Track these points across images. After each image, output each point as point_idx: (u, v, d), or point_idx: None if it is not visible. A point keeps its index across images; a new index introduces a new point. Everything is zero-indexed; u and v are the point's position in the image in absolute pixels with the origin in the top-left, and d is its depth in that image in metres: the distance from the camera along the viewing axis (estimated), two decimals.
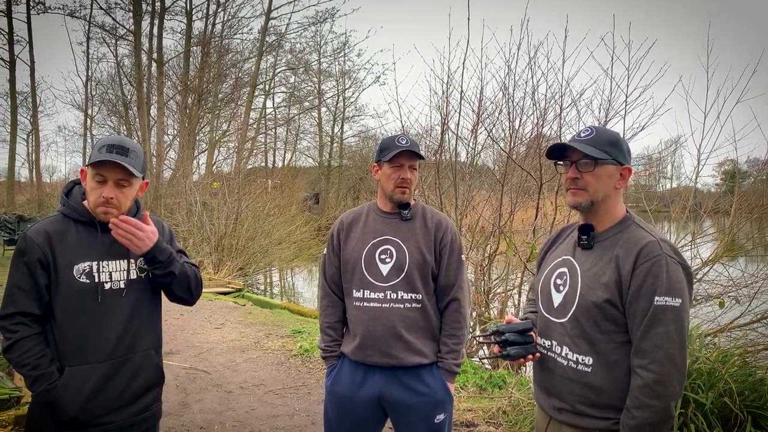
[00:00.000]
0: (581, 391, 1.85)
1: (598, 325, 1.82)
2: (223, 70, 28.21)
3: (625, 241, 1.82)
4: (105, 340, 2.05)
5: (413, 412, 2.42)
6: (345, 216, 2.64)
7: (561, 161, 1.95)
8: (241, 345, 6.96)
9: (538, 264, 2.17)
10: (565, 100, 6.17)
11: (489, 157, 8.40)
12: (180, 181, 18.95)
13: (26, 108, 29.65)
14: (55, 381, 1.97)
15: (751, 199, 6.16)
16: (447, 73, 6.76)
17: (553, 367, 1.93)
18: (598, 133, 1.88)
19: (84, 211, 2.07)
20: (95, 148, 2.03)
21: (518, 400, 4.32)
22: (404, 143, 2.41)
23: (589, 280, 1.85)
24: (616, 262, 1.80)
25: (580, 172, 1.85)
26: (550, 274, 2.01)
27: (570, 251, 1.97)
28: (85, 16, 27.70)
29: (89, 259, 2.04)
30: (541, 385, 2.01)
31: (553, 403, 1.94)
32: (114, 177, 2.00)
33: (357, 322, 2.47)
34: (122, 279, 2.09)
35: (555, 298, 1.95)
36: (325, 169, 35.30)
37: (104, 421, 2.05)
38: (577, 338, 1.85)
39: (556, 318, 1.93)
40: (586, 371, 1.83)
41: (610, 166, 1.85)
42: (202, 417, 4.58)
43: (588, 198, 1.86)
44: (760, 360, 4.17)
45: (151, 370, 2.17)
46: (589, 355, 1.83)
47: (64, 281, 2.00)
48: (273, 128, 35.34)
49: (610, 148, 1.85)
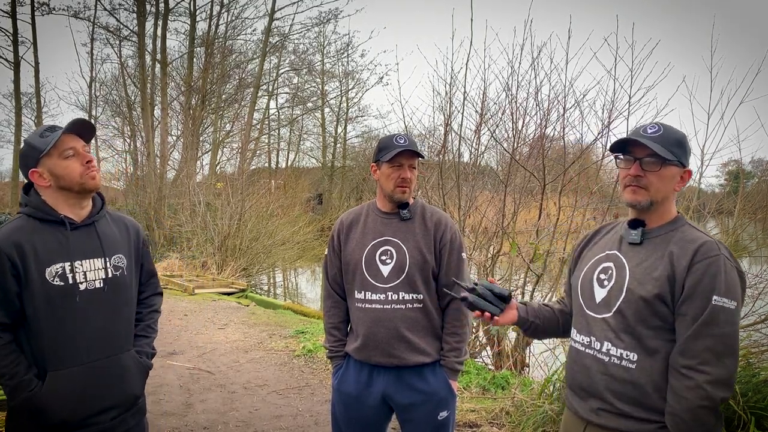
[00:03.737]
0: (623, 389, 1.76)
1: (644, 321, 1.74)
2: (226, 71, 28.28)
3: (680, 239, 1.75)
4: (86, 342, 2.00)
5: (417, 410, 2.43)
6: (345, 216, 2.64)
7: (621, 155, 1.83)
8: (244, 345, 6.97)
9: (573, 262, 2.08)
10: (568, 101, 6.16)
11: (492, 158, 8.40)
12: (184, 182, 19.02)
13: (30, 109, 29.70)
14: (34, 388, 1.92)
15: (755, 200, 6.13)
16: (450, 73, 6.77)
17: (591, 365, 1.84)
18: (665, 131, 1.78)
19: (49, 210, 1.99)
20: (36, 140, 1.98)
21: (521, 400, 4.31)
22: (403, 142, 2.40)
23: (639, 275, 1.77)
24: (670, 258, 1.72)
25: (644, 171, 1.76)
26: (591, 270, 1.92)
27: (615, 246, 1.89)
28: (89, 17, 27.81)
29: (61, 260, 1.96)
30: (577, 386, 1.91)
31: (591, 405, 1.84)
32: (80, 145, 2.00)
33: (359, 323, 2.47)
34: (98, 278, 2.03)
35: (598, 293, 1.87)
36: (328, 170, 35.31)
37: (92, 422, 2.03)
38: (622, 332, 1.77)
39: (597, 313, 1.85)
40: (630, 367, 1.75)
41: (675, 168, 1.77)
42: (206, 417, 4.59)
43: (648, 198, 1.78)
44: (763, 361, 4.15)
45: (134, 367, 2.15)
46: (634, 350, 1.75)
47: (38, 286, 1.92)
48: (276, 129, 35.50)
49: (677, 148, 1.76)
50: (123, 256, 2.14)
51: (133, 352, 2.17)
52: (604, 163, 6.63)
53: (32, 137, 2.00)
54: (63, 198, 2.02)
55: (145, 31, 25.94)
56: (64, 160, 1.97)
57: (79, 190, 2.01)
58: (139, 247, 2.24)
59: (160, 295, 2.40)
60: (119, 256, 2.12)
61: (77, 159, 1.99)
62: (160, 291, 2.39)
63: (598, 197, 6.71)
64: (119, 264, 2.11)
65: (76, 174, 1.98)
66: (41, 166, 1.98)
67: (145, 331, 2.26)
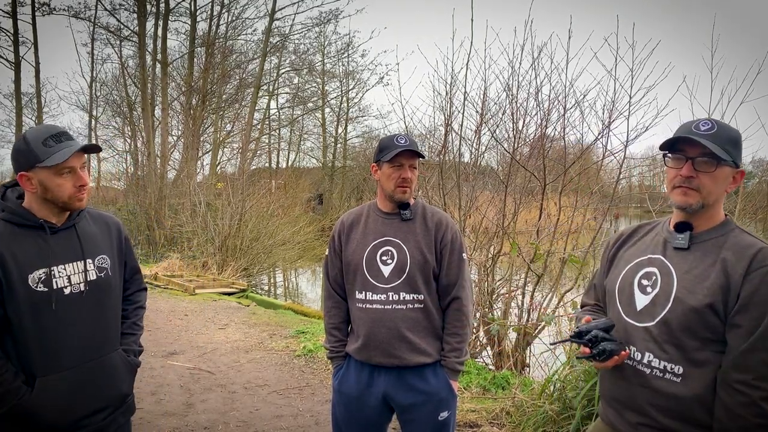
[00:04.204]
0: (667, 403, 1.66)
1: (692, 332, 1.62)
2: (227, 71, 28.25)
3: (733, 245, 1.64)
4: (73, 346, 1.98)
5: (418, 410, 2.43)
6: (345, 217, 2.64)
7: (671, 153, 1.70)
8: (245, 345, 6.97)
9: (607, 262, 1.95)
10: (568, 101, 6.16)
11: (493, 158, 8.40)
12: (184, 182, 19.01)
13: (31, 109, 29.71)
14: (23, 395, 1.90)
15: (756, 200, 6.14)
16: (450, 73, 6.76)
17: (631, 377, 1.74)
18: (720, 128, 1.65)
19: (28, 215, 1.95)
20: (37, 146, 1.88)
21: (522, 400, 4.31)
22: (403, 142, 2.40)
23: (688, 283, 1.65)
24: (723, 265, 1.61)
25: (697, 171, 1.64)
26: (631, 274, 1.80)
27: (659, 250, 1.77)
28: (89, 18, 27.77)
29: (43, 265, 1.92)
30: (614, 398, 1.81)
31: (628, 418, 1.75)
32: (80, 162, 1.95)
33: (360, 324, 2.47)
34: (81, 281, 2.00)
35: (639, 300, 1.75)
36: (328, 170, 35.30)
37: (83, 425, 2.03)
38: (666, 344, 1.66)
39: (638, 322, 1.74)
40: (675, 381, 1.65)
41: (728, 168, 1.65)
42: (206, 417, 4.59)
43: (700, 201, 1.66)
44: None
45: (123, 367, 2.15)
46: (679, 363, 1.64)
47: (21, 293, 1.88)
48: (277, 129, 35.47)
49: (732, 147, 1.64)
50: (106, 256, 2.11)
51: (120, 351, 2.16)
52: (605, 163, 6.63)
53: (34, 140, 1.90)
54: (45, 206, 1.98)
55: (146, 32, 25.92)
56: (58, 176, 1.92)
57: (63, 207, 1.99)
58: (121, 245, 2.22)
59: (145, 290, 2.39)
60: (102, 257, 2.10)
61: (71, 178, 1.94)
62: (144, 287, 2.38)
63: (598, 197, 6.71)
64: (103, 265, 2.09)
65: (65, 194, 1.95)
66: (33, 173, 1.92)
67: (131, 328, 2.25)
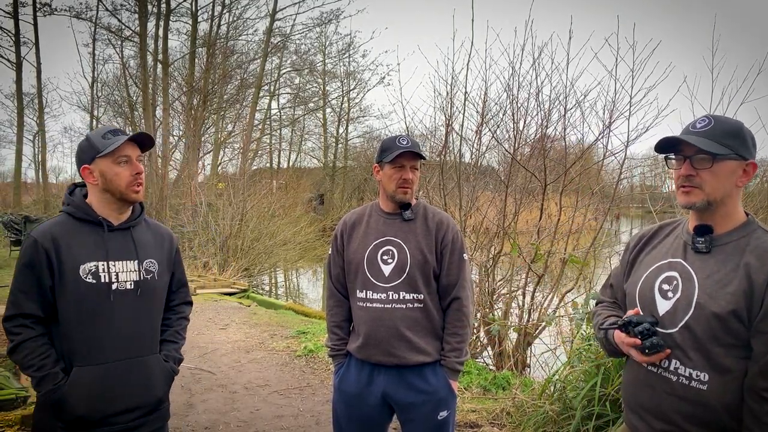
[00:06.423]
0: (694, 410, 1.62)
1: (716, 338, 1.59)
2: (228, 71, 28.30)
3: (756, 248, 1.60)
4: (113, 341, 2.05)
5: (417, 409, 2.44)
6: (348, 216, 2.66)
7: (672, 156, 1.71)
8: (245, 345, 6.98)
9: (628, 264, 1.92)
10: (569, 101, 6.17)
11: (493, 158, 8.41)
12: (185, 182, 19.06)
13: (32, 109, 29.83)
14: (60, 381, 1.98)
15: (756, 200, 6.14)
16: (451, 74, 6.77)
17: (655, 383, 1.71)
18: (716, 124, 1.66)
19: (89, 211, 2.08)
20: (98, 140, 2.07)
21: (522, 401, 4.31)
22: (405, 144, 2.42)
23: (710, 289, 1.62)
24: (746, 270, 1.58)
25: (695, 169, 1.64)
26: (652, 278, 1.77)
27: (680, 254, 1.74)
28: (91, 18, 27.87)
29: (96, 259, 2.04)
30: (638, 405, 1.78)
31: (653, 425, 1.72)
32: (135, 154, 2.09)
33: (360, 322, 2.49)
34: (129, 280, 2.09)
35: (660, 305, 1.72)
36: (329, 170, 35.34)
37: (112, 421, 2.07)
38: (691, 350, 1.63)
39: (660, 327, 1.71)
40: (701, 388, 1.61)
41: (732, 162, 1.63)
42: (207, 417, 4.60)
43: (704, 198, 1.64)
44: None
45: (159, 371, 2.19)
46: (704, 370, 1.61)
47: (71, 282, 1.99)
48: (278, 129, 35.54)
49: (731, 140, 1.63)
50: (155, 261, 2.19)
51: (158, 356, 2.21)
52: (605, 164, 6.63)
53: (94, 136, 2.09)
54: (105, 200, 2.10)
55: (147, 32, 25.95)
56: (116, 165, 2.06)
57: (120, 198, 2.10)
58: (172, 256, 2.30)
59: (190, 304, 2.45)
60: (151, 261, 2.18)
61: (128, 167, 2.08)
62: (189, 300, 2.45)
63: (599, 197, 6.72)
64: (150, 268, 2.17)
65: (123, 182, 2.07)
66: (94, 165, 2.07)
67: (173, 336, 2.32)
